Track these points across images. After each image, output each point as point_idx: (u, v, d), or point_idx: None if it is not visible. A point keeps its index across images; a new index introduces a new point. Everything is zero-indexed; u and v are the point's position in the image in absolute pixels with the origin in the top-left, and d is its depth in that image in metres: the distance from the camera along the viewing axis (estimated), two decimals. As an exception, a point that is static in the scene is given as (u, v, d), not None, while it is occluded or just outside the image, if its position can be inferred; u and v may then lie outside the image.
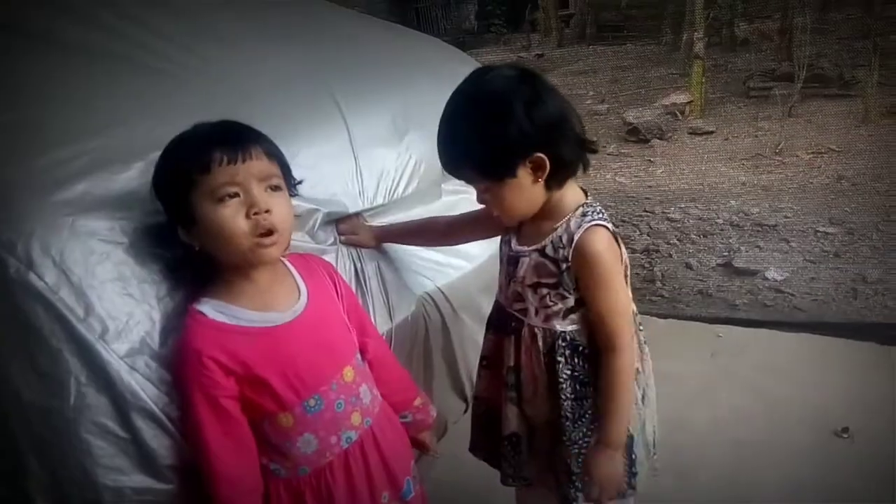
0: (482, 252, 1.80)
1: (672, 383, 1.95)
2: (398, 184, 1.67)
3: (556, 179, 1.26)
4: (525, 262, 1.32)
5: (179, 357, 1.12)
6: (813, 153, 5.43)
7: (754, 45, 9.15)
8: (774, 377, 2.51)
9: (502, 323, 1.42)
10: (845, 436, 2.17)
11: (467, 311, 1.78)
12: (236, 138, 1.12)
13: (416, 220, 1.64)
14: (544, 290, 1.31)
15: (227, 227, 1.09)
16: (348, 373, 1.24)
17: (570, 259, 1.26)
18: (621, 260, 1.30)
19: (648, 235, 4.27)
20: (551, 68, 10.27)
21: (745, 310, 3.32)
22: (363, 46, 2.22)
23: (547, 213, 1.31)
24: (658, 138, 6.33)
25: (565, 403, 1.32)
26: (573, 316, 1.31)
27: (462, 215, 1.63)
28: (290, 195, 1.22)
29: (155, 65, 1.58)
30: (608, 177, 5.51)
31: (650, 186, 5.15)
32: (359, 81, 1.90)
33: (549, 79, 1.31)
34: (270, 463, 1.18)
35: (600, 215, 1.28)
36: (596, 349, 1.31)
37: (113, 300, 1.11)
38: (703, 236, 4.18)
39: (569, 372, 1.32)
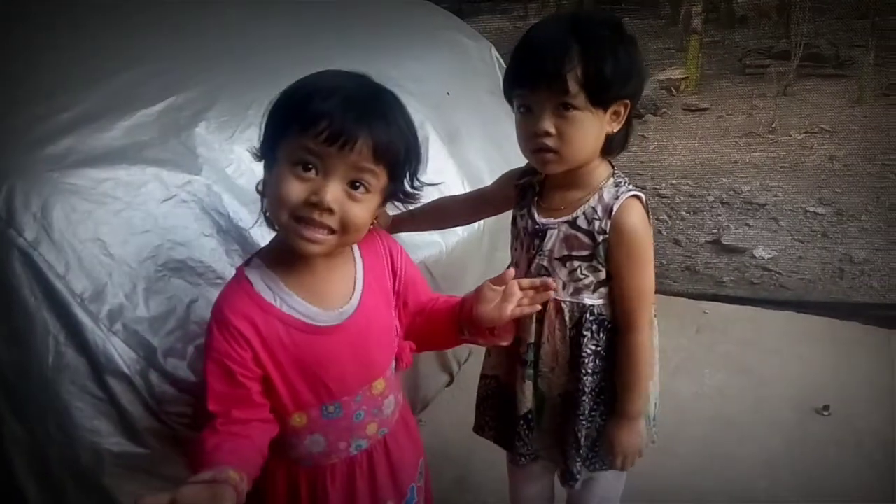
0: (467, 227, 1.78)
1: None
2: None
3: (615, 141, 1.22)
4: (553, 235, 1.25)
5: (212, 316, 1.03)
6: (806, 132, 5.41)
7: (752, 22, 9.08)
8: (758, 354, 2.52)
9: None
10: (826, 413, 2.19)
11: (452, 286, 1.77)
12: (355, 117, 0.96)
13: (423, 206, 1.60)
14: (576, 263, 1.25)
15: (283, 192, 0.97)
16: (378, 385, 1.15)
17: (607, 231, 1.21)
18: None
19: (639, 210, 4.25)
20: (547, 39, 10.15)
21: (731, 287, 3.32)
22: (357, 8, 2.19)
23: (576, 183, 1.25)
24: (652, 114, 6.29)
25: (585, 378, 1.28)
26: (602, 290, 1.26)
27: (469, 194, 1.58)
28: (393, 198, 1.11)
29: (144, 25, 1.55)
30: (600, 150, 5.47)
31: (642, 162, 5.12)
32: (351, 45, 1.87)
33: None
34: (272, 450, 1.08)
35: (632, 185, 1.24)
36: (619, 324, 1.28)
37: (94, 260, 1.10)
38: (693, 213, 4.17)
39: (593, 347, 1.27)
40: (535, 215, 1.29)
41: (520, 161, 1.40)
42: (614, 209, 1.21)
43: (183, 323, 1.17)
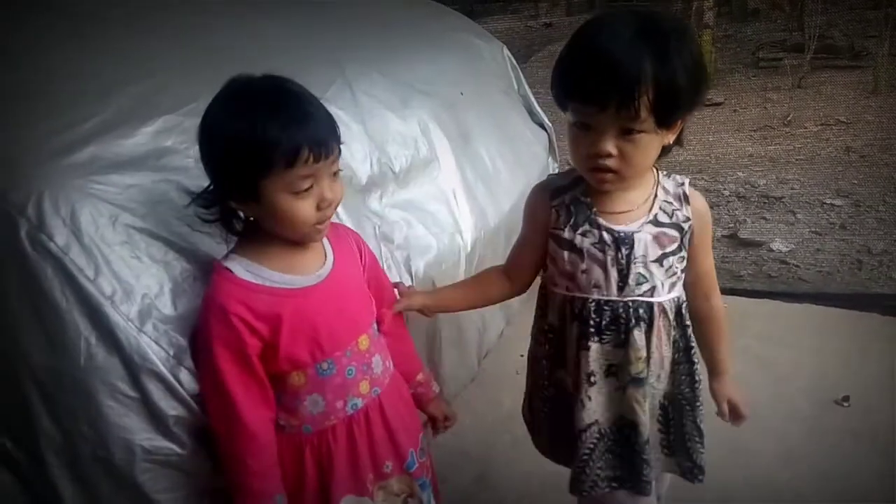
0: (482, 225, 1.80)
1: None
2: (405, 148, 1.68)
3: (667, 148, 1.19)
4: (642, 239, 1.21)
5: (205, 312, 1.13)
6: (821, 125, 5.39)
7: (764, 15, 9.05)
8: (777, 347, 2.52)
9: (622, 320, 1.24)
10: (846, 404, 2.18)
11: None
12: (323, 133, 1.11)
13: (466, 280, 1.60)
14: (670, 259, 1.24)
15: (300, 217, 1.12)
16: (363, 341, 1.25)
17: (690, 217, 1.25)
18: None
19: (654, 206, 4.25)
20: (560, 38, 10.14)
21: (749, 281, 3.32)
22: (370, 11, 2.21)
23: (632, 185, 1.23)
24: (666, 109, 6.27)
25: (696, 366, 1.32)
26: (682, 276, 1.29)
27: (512, 257, 1.42)
28: None
29: (158, 30, 1.58)
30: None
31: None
32: (364, 47, 1.90)
33: (558, 48, 1.21)
34: (278, 418, 1.20)
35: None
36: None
37: (122, 263, 1.13)
38: (710, 207, 4.17)
39: (690, 333, 1.31)
40: (608, 225, 1.23)
41: (531, 160, 1.42)
42: (687, 195, 1.25)
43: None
